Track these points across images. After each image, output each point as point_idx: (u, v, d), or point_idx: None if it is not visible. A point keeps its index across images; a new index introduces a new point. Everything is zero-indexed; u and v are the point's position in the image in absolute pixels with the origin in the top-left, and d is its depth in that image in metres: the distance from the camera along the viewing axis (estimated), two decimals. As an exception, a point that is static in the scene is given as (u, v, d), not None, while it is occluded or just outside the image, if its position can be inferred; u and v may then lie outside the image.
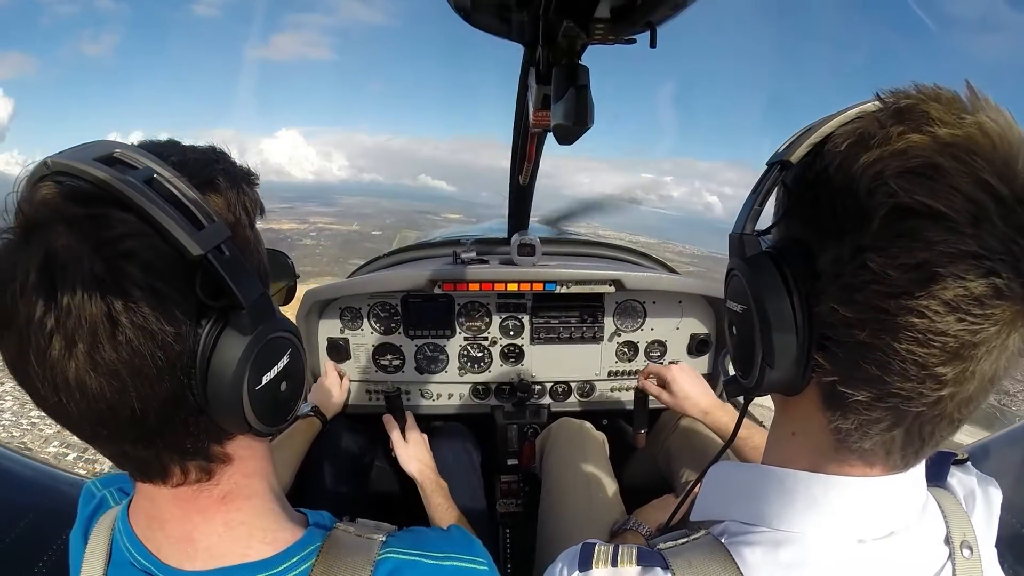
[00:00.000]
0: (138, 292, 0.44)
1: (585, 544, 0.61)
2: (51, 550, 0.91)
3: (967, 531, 0.57)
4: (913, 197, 0.43)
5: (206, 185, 0.53)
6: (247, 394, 0.50)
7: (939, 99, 0.46)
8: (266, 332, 0.51)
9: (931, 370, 0.44)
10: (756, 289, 0.52)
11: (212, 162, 0.56)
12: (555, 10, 0.61)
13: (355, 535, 0.61)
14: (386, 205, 46.96)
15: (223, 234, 0.48)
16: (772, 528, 0.54)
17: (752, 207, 0.55)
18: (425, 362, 1.83)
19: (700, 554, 0.55)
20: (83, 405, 0.46)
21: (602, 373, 1.87)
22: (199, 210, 0.47)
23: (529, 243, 1.69)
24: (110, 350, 0.44)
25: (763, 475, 0.57)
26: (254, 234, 0.59)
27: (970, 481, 0.64)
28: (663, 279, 1.79)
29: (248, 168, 0.60)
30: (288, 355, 0.55)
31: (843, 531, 0.52)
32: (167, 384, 0.47)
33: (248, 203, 0.57)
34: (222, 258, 0.47)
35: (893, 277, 0.43)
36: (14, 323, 0.44)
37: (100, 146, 0.48)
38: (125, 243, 0.44)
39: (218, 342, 0.48)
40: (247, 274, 0.49)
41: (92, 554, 0.60)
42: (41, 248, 0.43)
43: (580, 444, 1.54)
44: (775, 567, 0.52)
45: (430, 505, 1.22)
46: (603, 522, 1.32)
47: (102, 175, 0.44)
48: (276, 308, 0.55)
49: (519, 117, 1.34)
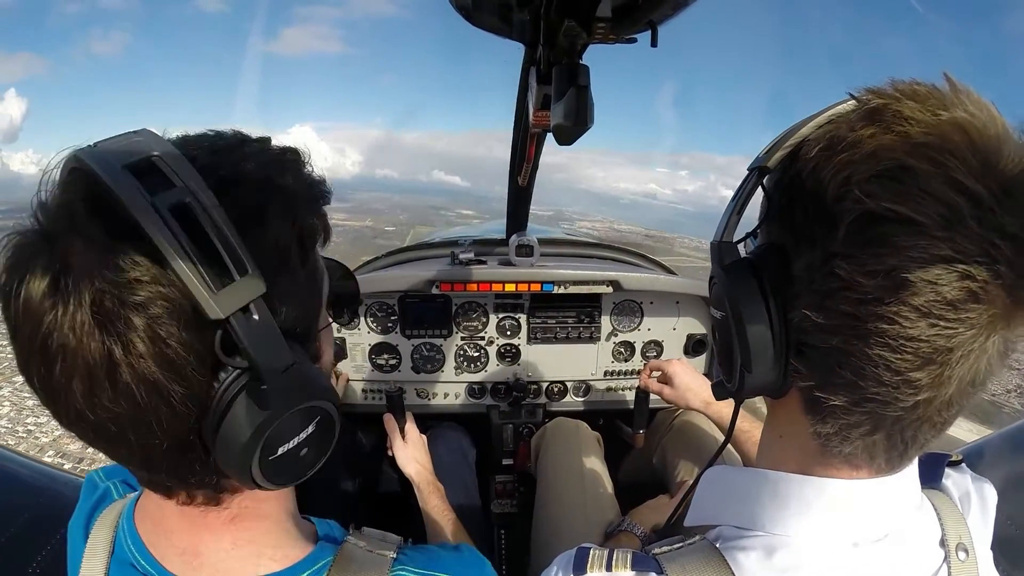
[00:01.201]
0: (143, 346, 0.40)
1: (580, 548, 0.61)
2: (45, 550, 0.90)
3: (963, 533, 0.57)
4: (879, 203, 0.42)
5: (253, 216, 0.45)
6: (258, 463, 0.45)
7: (914, 96, 0.44)
8: (290, 404, 0.46)
9: (905, 375, 0.43)
10: (732, 296, 0.52)
11: (269, 180, 0.47)
12: (556, 9, 0.62)
13: (366, 550, 0.59)
14: (399, 201, 46.84)
15: (253, 291, 0.42)
16: (766, 532, 0.54)
17: (731, 214, 0.56)
18: (421, 361, 1.83)
19: (695, 559, 0.55)
20: (86, 433, 0.44)
21: (598, 373, 1.88)
22: (231, 256, 0.41)
23: (527, 244, 1.70)
24: (109, 396, 0.40)
25: (756, 479, 0.57)
26: (306, 270, 0.50)
27: (965, 482, 0.64)
28: (660, 280, 1.80)
29: (320, 181, 0.52)
30: (315, 424, 0.49)
31: (837, 534, 0.52)
32: (172, 434, 0.43)
33: (306, 231, 0.50)
34: (247, 321, 0.41)
35: (863, 284, 0.43)
36: (19, 336, 0.41)
37: (138, 145, 0.43)
38: (136, 292, 0.39)
39: (233, 406, 0.43)
40: (275, 340, 0.43)
41: (93, 551, 0.58)
42: (55, 260, 0.39)
43: (576, 444, 1.54)
44: (770, 572, 0.52)
45: (426, 506, 1.21)
46: (598, 522, 1.32)
47: (123, 194, 0.39)
48: (310, 373, 0.48)
49: (519, 117, 1.34)
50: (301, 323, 0.50)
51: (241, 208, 0.43)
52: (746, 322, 0.51)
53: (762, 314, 0.50)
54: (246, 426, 0.43)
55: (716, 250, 0.55)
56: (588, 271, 1.72)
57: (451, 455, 1.58)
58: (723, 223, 0.56)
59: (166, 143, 0.44)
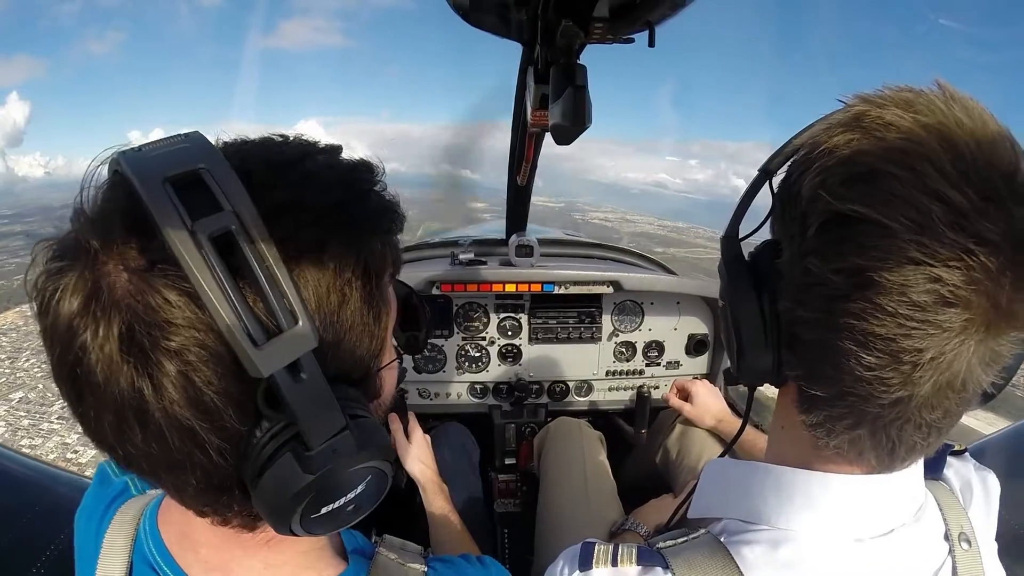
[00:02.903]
0: (176, 393, 0.36)
1: (585, 543, 0.61)
2: (49, 550, 0.90)
3: (964, 523, 0.57)
4: (848, 205, 0.43)
5: (310, 252, 0.39)
6: (299, 521, 0.41)
7: (901, 102, 0.45)
8: (340, 468, 0.40)
9: (876, 372, 0.44)
10: (730, 287, 0.55)
11: (333, 209, 0.41)
12: (554, 9, 0.62)
13: (397, 563, 0.57)
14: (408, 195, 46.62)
15: (303, 346, 0.37)
16: (771, 526, 0.54)
17: (738, 212, 0.60)
18: (423, 362, 1.83)
19: (700, 553, 0.55)
20: (117, 459, 0.41)
21: (600, 373, 1.88)
22: (280, 303, 0.36)
23: (527, 244, 1.70)
24: (141, 437, 0.37)
25: (760, 472, 0.57)
26: (371, 311, 0.44)
27: (967, 472, 0.64)
28: (661, 280, 1.80)
29: (392, 203, 0.46)
30: (366, 483, 0.43)
31: (840, 530, 0.52)
32: (207, 479, 0.40)
33: (372, 266, 0.43)
34: (294, 381, 0.37)
35: (832, 280, 0.44)
36: (52, 351, 0.38)
37: (186, 153, 0.38)
38: (169, 338, 0.35)
39: (274, 461, 0.38)
40: (326, 402, 0.39)
41: (111, 551, 0.54)
42: (88, 277, 0.36)
43: (578, 444, 1.54)
44: (774, 566, 0.52)
45: (431, 507, 1.21)
46: (601, 522, 1.32)
47: (161, 216, 0.34)
48: (364, 435, 0.41)
49: (517, 118, 1.34)
50: (359, 368, 0.45)
51: (297, 242, 0.38)
52: (740, 312, 0.54)
53: (753, 304, 0.53)
54: (288, 488, 0.39)
55: (723, 244, 0.59)
56: (588, 271, 1.72)
57: (455, 455, 1.58)
58: (732, 220, 0.60)
59: (217, 153, 0.39)
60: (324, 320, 0.40)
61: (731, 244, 0.58)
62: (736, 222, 0.60)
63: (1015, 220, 0.41)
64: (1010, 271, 0.41)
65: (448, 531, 1.16)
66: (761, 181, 0.57)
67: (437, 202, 7.09)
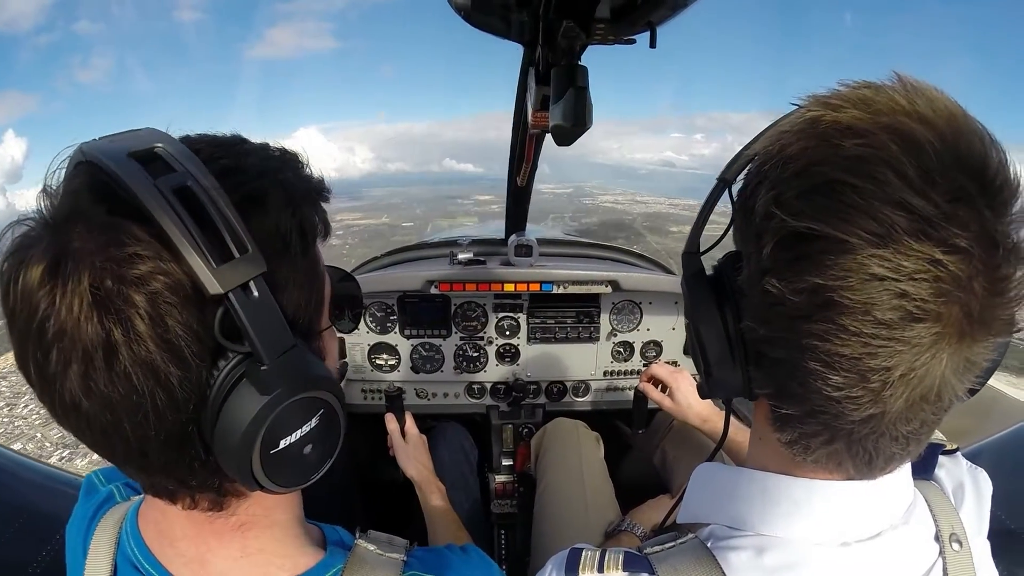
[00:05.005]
0: (142, 325, 0.39)
1: (573, 549, 0.61)
2: (46, 550, 0.90)
3: (955, 524, 0.56)
4: (802, 222, 0.41)
5: (253, 200, 0.45)
6: (259, 457, 0.44)
7: (857, 102, 0.43)
8: (292, 391, 0.44)
9: (844, 392, 0.42)
10: (691, 306, 0.54)
11: (271, 171, 0.48)
12: (555, 10, 0.62)
13: (376, 553, 0.58)
14: (415, 194, 45.96)
15: (254, 269, 0.42)
16: (756, 532, 0.54)
17: (697, 225, 0.58)
18: (420, 362, 1.83)
19: (686, 559, 0.55)
20: (80, 424, 0.43)
21: (598, 373, 1.88)
22: (231, 235, 0.41)
23: (526, 244, 1.70)
24: (105, 379, 0.40)
25: (745, 478, 0.57)
26: (307, 262, 0.50)
27: (959, 472, 0.63)
28: (660, 279, 1.80)
29: (319, 179, 0.53)
30: (318, 417, 0.47)
31: (826, 535, 0.52)
32: (168, 425, 0.42)
33: (306, 224, 0.49)
34: (248, 299, 0.41)
35: (793, 300, 0.42)
36: (16, 322, 0.40)
37: (142, 137, 0.43)
38: (136, 266, 0.39)
39: (232, 393, 0.42)
40: (276, 321, 0.43)
41: (96, 555, 0.57)
42: (54, 245, 0.39)
43: (575, 444, 1.54)
44: (760, 572, 0.52)
45: (427, 507, 1.21)
46: (598, 522, 1.32)
47: (126, 177, 0.40)
48: (312, 361, 0.47)
49: (518, 118, 1.34)
50: (302, 315, 0.50)
51: (242, 193, 0.44)
52: (703, 330, 0.53)
53: (716, 323, 0.52)
54: (245, 413, 0.42)
55: (683, 261, 0.57)
56: (587, 271, 1.72)
57: (452, 455, 1.58)
58: (691, 234, 0.58)
59: (169, 136, 0.45)
60: (269, 258, 0.44)
61: (692, 260, 0.56)
62: (695, 236, 0.57)
63: (986, 220, 0.39)
64: (982, 276, 0.39)
65: (445, 530, 1.16)
66: (720, 191, 0.55)
67: (444, 199, 7.08)
